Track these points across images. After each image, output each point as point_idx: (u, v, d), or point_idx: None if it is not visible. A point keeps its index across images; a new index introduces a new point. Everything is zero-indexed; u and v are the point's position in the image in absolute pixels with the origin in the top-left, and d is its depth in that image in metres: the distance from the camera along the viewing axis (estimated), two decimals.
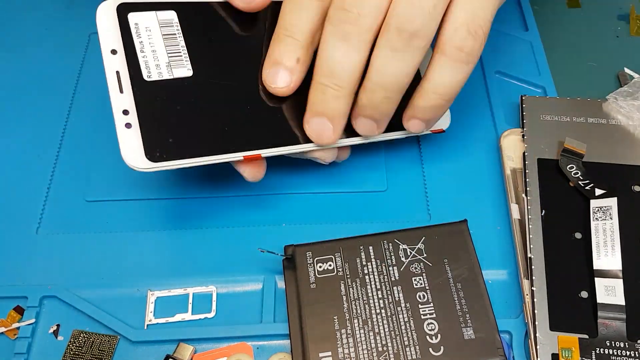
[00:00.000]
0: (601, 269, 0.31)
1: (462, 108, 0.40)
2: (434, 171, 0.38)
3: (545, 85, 0.41)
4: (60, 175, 0.38)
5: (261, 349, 0.32)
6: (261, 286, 0.33)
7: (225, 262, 0.34)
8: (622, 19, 0.45)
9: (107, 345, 0.32)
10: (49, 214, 0.36)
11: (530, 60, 0.43)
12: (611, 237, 0.32)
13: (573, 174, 0.35)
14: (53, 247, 0.35)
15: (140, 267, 0.34)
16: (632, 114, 0.37)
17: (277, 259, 0.33)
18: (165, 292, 0.33)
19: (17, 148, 0.39)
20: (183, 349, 0.31)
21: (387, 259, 0.32)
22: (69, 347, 0.32)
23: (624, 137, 0.37)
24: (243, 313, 0.33)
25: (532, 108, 0.38)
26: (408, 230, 0.33)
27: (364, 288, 0.31)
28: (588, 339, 0.30)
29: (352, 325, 0.30)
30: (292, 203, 0.36)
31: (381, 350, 0.29)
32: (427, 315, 0.30)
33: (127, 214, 0.36)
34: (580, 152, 0.35)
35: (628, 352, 0.29)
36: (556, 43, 0.44)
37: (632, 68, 0.42)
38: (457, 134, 0.39)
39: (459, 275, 0.31)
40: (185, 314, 0.33)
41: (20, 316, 0.33)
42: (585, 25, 0.45)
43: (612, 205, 0.33)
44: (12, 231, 0.36)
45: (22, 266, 0.34)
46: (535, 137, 0.37)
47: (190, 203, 0.36)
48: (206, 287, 0.33)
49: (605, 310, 0.30)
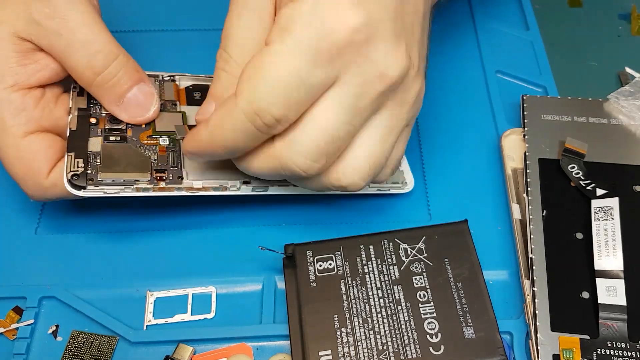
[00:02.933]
0: (602, 269, 0.31)
1: (463, 108, 0.40)
2: (434, 171, 0.38)
3: (546, 84, 0.41)
4: None
5: (261, 350, 0.32)
6: (261, 287, 0.33)
7: (225, 263, 0.34)
8: (623, 19, 0.45)
9: (106, 345, 0.32)
10: (48, 215, 0.36)
11: (531, 60, 0.42)
12: (612, 237, 0.32)
13: (574, 174, 0.35)
14: (52, 247, 0.35)
15: (139, 268, 0.34)
16: (634, 113, 0.37)
17: (277, 260, 0.33)
18: (165, 292, 0.33)
19: None
20: (182, 350, 0.31)
21: (387, 258, 0.32)
22: (68, 347, 0.32)
23: (625, 136, 0.37)
24: (243, 314, 0.33)
25: (533, 108, 0.38)
26: (408, 229, 0.33)
27: (364, 287, 0.31)
28: (589, 339, 0.30)
29: (352, 324, 0.30)
30: (292, 203, 0.36)
31: (381, 349, 0.29)
32: (428, 314, 0.30)
33: (126, 214, 0.36)
34: (582, 152, 0.35)
35: (629, 352, 0.29)
36: (557, 42, 0.44)
37: (633, 68, 0.42)
38: (457, 134, 0.39)
39: (459, 275, 0.31)
40: (184, 315, 0.33)
41: (19, 316, 0.33)
42: (586, 25, 0.45)
43: (613, 206, 0.33)
44: (11, 231, 0.36)
45: (21, 266, 0.34)
46: (536, 136, 0.37)
47: (189, 203, 0.36)
48: (206, 288, 0.33)
49: (606, 310, 0.30)
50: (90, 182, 0.30)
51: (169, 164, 0.32)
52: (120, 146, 0.32)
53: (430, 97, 0.41)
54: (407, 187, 0.36)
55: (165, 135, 0.33)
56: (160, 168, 0.32)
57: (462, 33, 0.44)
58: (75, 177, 0.30)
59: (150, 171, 0.32)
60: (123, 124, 0.33)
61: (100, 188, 0.30)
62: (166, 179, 0.32)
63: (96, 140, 0.32)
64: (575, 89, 0.41)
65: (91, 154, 0.31)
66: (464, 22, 0.45)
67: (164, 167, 0.32)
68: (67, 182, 0.30)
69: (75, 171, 0.30)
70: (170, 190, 0.31)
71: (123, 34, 0.43)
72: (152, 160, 0.32)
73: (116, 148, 0.32)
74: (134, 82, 0.32)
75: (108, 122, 0.33)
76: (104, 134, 0.32)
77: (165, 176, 0.32)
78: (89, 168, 0.31)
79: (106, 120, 0.33)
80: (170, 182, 0.32)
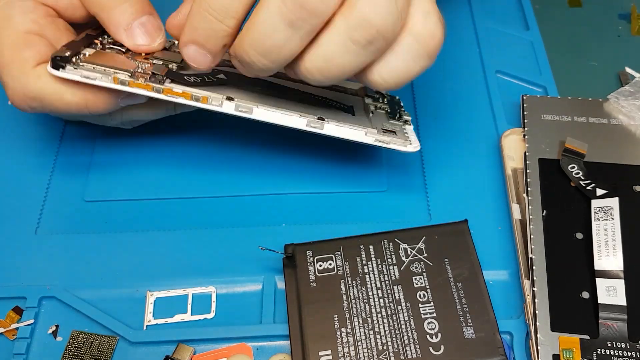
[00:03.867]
0: (602, 270, 0.31)
1: (463, 108, 0.40)
2: (434, 171, 0.38)
3: (546, 84, 0.41)
4: (59, 175, 0.38)
5: (261, 350, 0.32)
6: (261, 287, 0.33)
7: (225, 263, 0.34)
8: (623, 18, 0.45)
9: (106, 345, 0.32)
10: (48, 214, 0.36)
11: (531, 60, 0.42)
12: (612, 237, 0.32)
13: (574, 174, 0.35)
14: (52, 247, 0.35)
15: (139, 268, 0.34)
16: (634, 113, 0.37)
17: (277, 260, 0.33)
18: (165, 292, 0.33)
19: (17, 148, 0.39)
20: (182, 350, 0.31)
21: (387, 258, 0.32)
22: (67, 347, 0.32)
23: (625, 136, 0.37)
24: (243, 314, 0.33)
25: (533, 108, 0.38)
26: (408, 230, 0.33)
27: (364, 287, 0.31)
28: (589, 339, 0.30)
29: (352, 324, 0.30)
30: (292, 203, 0.36)
31: (381, 349, 0.29)
32: (428, 314, 0.30)
33: (126, 214, 0.36)
34: (582, 152, 0.35)
35: (629, 352, 0.29)
36: (557, 42, 0.44)
37: (633, 67, 0.42)
38: (457, 134, 0.39)
39: (459, 275, 0.31)
40: (184, 315, 0.33)
41: (19, 317, 0.33)
42: (586, 25, 0.45)
43: (613, 206, 0.33)
44: (10, 231, 0.36)
45: (21, 266, 0.34)
46: (536, 136, 0.36)
47: (189, 203, 0.36)
48: (205, 288, 0.33)
49: (606, 310, 0.30)
50: (70, 64, 0.30)
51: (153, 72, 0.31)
52: (113, 52, 0.32)
53: (430, 97, 0.41)
54: (411, 146, 0.33)
55: (161, 60, 0.32)
56: (145, 72, 0.31)
57: (462, 33, 0.44)
58: (59, 58, 0.30)
59: (134, 71, 0.30)
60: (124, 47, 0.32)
61: (79, 72, 0.30)
62: (147, 78, 0.30)
63: (92, 50, 0.32)
64: (575, 89, 0.41)
65: (83, 54, 0.31)
66: (464, 22, 0.45)
67: (148, 72, 0.31)
68: (50, 62, 0.30)
69: (60, 53, 0.30)
70: (148, 89, 0.30)
71: None
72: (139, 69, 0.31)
73: (107, 54, 0.32)
74: (143, 12, 0.32)
75: (108, 43, 0.33)
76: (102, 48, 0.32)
77: (147, 78, 0.30)
78: (76, 58, 0.31)
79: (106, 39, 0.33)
80: (152, 81, 0.30)
